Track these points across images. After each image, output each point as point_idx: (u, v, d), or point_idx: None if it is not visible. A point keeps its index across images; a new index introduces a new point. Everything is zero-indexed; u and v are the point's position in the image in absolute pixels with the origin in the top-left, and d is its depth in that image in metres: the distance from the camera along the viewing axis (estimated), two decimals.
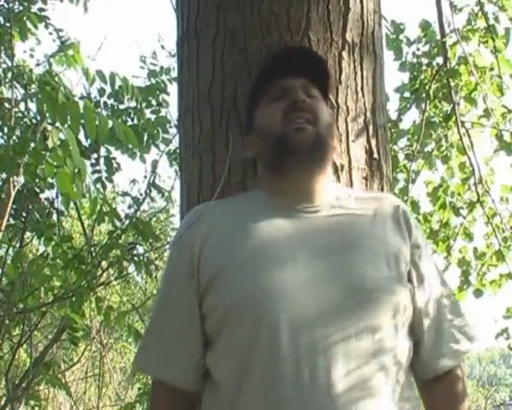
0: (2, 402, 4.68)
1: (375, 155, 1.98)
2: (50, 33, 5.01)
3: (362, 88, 2.00)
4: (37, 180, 3.94)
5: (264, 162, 1.71)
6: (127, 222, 3.39)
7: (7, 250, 4.24)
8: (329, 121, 1.70)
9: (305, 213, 1.62)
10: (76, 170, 1.68)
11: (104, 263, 3.57)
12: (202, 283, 1.57)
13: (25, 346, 4.81)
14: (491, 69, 4.68)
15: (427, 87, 4.62)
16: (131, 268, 3.83)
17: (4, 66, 4.25)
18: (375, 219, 1.65)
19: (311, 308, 1.47)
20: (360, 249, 1.57)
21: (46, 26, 4.79)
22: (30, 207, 4.32)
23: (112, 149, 4.30)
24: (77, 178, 1.69)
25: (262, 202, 1.66)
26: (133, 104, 4.33)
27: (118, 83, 3.10)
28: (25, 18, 3.94)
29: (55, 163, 1.73)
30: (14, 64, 3.97)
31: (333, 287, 1.50)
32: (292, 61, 1.71)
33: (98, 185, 4.19)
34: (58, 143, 1.69)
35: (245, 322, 1.50)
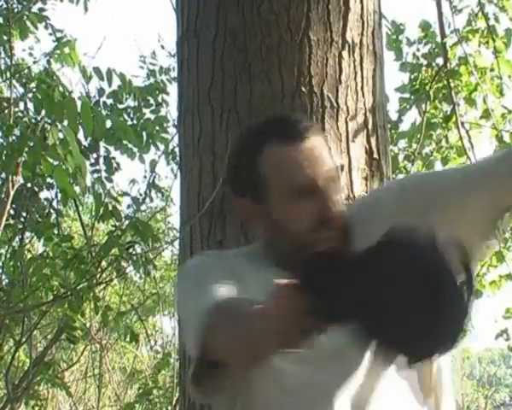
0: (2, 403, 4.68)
1: (375, 155, 1.98)
2: (50, 34, 5.01)
3: (362, 88, 2.00)
4: (35, 178, 3.94)
5: (270, 244, 1.47)
6: (127, 222, 3.39)
7: (6, 250, 4.24)
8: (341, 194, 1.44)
9: None
10: (76, 167, 1.68)
11: (104, 263, 3.57)
12: None
13: (24, 346, 4.81)
14: (492, 70, 4.67)
15: (427, 88, 4.61)
16: (130, 267, 3.84)
17: (4, 65, 4.26)
18: None
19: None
20: None
21: (46, 26, 4.79)
22: (29, 206, 4.32)
23: (111, 148, 4.30)
24: (78, 175, 1.69)
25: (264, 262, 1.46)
26: (132, 103, 4.33)
27: (115, 80, 3.09)
28: (24, 17, 3.94)
29: (53, 161, 1.73)
30: (13, 63, 3.97)
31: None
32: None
33: (101, 181, 4.20)
34: (57, 140, 1.69)
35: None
